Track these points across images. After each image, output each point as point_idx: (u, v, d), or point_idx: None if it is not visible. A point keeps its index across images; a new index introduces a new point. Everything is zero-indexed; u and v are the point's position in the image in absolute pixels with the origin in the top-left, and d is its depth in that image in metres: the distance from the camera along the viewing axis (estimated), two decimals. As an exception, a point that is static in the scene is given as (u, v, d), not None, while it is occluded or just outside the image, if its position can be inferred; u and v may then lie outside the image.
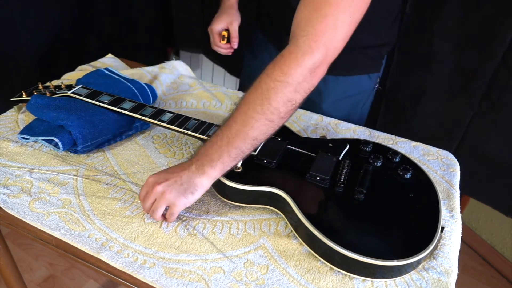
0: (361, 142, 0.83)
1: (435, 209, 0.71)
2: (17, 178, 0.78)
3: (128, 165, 0.84)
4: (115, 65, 1.14)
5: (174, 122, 0.84)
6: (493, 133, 1.23)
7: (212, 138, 0.69)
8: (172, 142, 0.91)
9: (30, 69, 1.26)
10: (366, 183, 0.74)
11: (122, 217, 0.72)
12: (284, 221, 0.73)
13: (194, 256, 0.67)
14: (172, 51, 2.13)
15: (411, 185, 0.76)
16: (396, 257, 0.62)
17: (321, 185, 0.73)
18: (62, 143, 0.81)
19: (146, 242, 0.68)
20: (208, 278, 0.64)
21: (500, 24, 1.09)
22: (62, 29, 1.32)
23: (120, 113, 0.87)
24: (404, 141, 0.96)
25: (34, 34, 1.23)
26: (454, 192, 0.83)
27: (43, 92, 0.92)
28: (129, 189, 0.78)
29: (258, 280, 0.64)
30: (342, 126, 1.00)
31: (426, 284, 0.65)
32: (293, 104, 0.67)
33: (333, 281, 0.65)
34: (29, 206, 0.73)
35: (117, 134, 0.88)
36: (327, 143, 0.83)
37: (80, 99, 0.89)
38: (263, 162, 0.77)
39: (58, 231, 0.69)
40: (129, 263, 0.65)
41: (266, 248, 0.69)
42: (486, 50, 1.14)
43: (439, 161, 0.91)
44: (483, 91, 1.19)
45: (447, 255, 0.70)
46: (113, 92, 0.92)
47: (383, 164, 0.79)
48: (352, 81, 1.06)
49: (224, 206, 0.76)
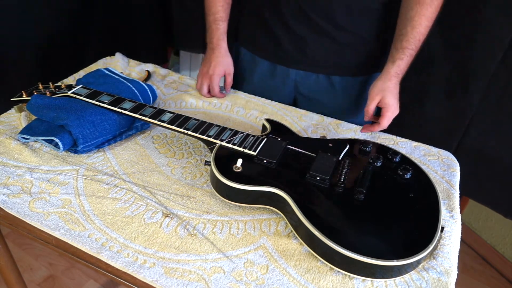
0: (361, 142, 0.83)
1: (435, 209, 0.71)
2: (17, 177, 0.78)
3: (128, 165, 0.84)
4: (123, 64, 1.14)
5: (174, 122, 0.84)
6: (493, 133, 1.23)
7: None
8: (172, 142, 0.91)
9: (30, 69, 1.26)
10: (366, 183, 0.74)
11: (122, 217, 0.72)
12: (284, 221, 0.73)
13: (194, 256, 0.67)
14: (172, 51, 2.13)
15: (411, 185, 0.76)
16: (396, 257, 0.62)
17: (321, 185, 0.73)
18: (62, 143, 0.81)
19: (146, 242, 0.68)
20: (208, 278, 0.64)
21: (500, 24, 1.09)
22: (62, 29, 1.32)
23: (120, 113, 0.87)
24: (405, 141, 0.96)
25: (34, 34, 1.23)
26: (454, 192, 0.83)
27: (43, 92, 0.92)
28: (129, 189, 0.78)
29: (258, 280, 0.64)
30: (342, 126, 1.00)
31: (426, 284, 0.65)
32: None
33: (333, 281, 0.65)
34: (29, 206, 0.73)
35: (117, 134, 0.88)
36: (327, 143, 0.83)
37: (80, 99, 0.89)
38: (263, 162, 0.77)
39: (58, 231, 0.69)
40: (129, 263, 0.65)
41: (266, 248, 0.69)
42: (486, 50, 1.14)
43: (440, 161, 0.91)
44: (483, 91, 1.19)
45: (447, 255, 0.70)
46: (113, 92, 0.92)
47: (383, 164, 0.79)
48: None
49: (224, 206, 0.76)
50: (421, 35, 0.92)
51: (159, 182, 0.80)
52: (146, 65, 1.17)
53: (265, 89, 1.12)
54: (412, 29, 0.91)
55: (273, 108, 1.05)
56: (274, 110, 1.04)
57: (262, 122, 0.91)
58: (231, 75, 1.08)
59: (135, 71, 1.14)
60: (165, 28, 1.77)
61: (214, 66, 1.05)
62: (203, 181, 0.82)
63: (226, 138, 0.81)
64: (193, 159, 0.87)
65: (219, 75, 1.06)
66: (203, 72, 1.07)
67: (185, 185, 0.80)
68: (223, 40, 1.07)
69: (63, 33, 1.32)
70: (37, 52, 1.26)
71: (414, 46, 0.92)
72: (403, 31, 0.93)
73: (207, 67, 1.07)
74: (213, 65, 1.06)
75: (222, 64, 1.06)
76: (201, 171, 0.84)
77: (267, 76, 1.12)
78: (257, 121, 1.00)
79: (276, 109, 1.04)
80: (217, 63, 1.06)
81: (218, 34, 1.06)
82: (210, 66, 1.06)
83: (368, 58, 1.05)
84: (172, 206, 0.75)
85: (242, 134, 0.82)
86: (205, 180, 0.82)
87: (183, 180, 0.81)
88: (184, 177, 0.82)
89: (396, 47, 0.94)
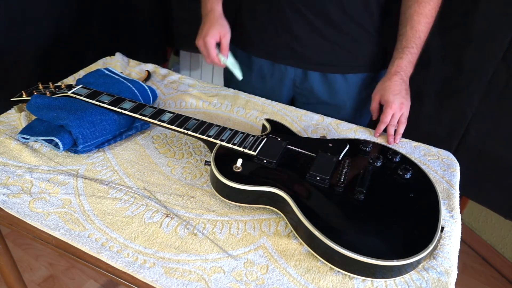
0: (361, 142, 0.83)
1: (435, 209, 0.71)
2: (17, 177, 0.78)
3: (128, 165, 0.84)
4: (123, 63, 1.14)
5: (174, 122, 0.84)
6: (493, 133, 1.23)
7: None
8: (172, 142, 0.91)
9: (30, 69, 1.26)
10: (366, 183, 0.74)
11: (122, 217, 0.72)
12: (284, 221, 0.73)
13: (194, 256, 0.67)
14: (172, 51, 2.13)
15: (411, 185, 0.76)
16: (396, 257, 0.62)
17: (321, 185, 0.73)
18: (62, 143, 0.81)
19: (146, 242, 0.68)
20: (208, 278, 0.64)
21: (500, 24, 1.09)
22: (62, 29, 1.32)
23: (120, 113, 0.87)
24: (405, 141, 0.96)
25: (34, 34, 1.23)
26: (454, 192, 0.83)
27: (43, 92, 0.92)
28: (129, 189, 0.78)
29: (258, 280, 0.64)
30: (342, 126, 1.00)
31: (426, 284, 0.65)
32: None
33: (333, 281, 0.65)
34: (29, 206, 0.73)
35: (117, 134, 0.88)
36: (327, 143, 0.83)
37: (80, 99, 0.89)
38: (263, 162, 0.77)
39: (58, 231, 0.69)
40: (129, 263, 0.65)
41: (266, 248, 0.69)
42: (486, 50, 1.14)
43: (440, 161, 0.91)
44: (483, 91, 1.19)
45: (447, 255, 0.70)
46: (113, 92, 0.92)
47: (383, 164, 0.79)
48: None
49: (224, 206, 0.76)
50: (421, 33, 0.92)
51: (159, 182, 0.80)
52: (146, 65, 1.17)
53: (263, 89, 1.12)
54: (411, 28, 0.92)
55: (273, 108, 1.05)
56: (274, 110, 1.04)
57: (262, 122, 0.91)
58: (226, 38, 1.00)
59: (135, 71, 1.14)
60: (165, 28, 1.77)
61: (208, 29, 0.99)
62: (203, 181, 0.82)
63: (226, 138, 0.81)
64: (193, 159, 0.87)
65: (213, 37, 0.98)
66: (198, 39, 1.01)
67: (185, 185, 0.80)
68: (217, 4, 1.01)
69: (63, 33, 1.32)
70: (37, 52, 1.26)
71: (415, 44, 0.92)
72: (402, 30, 0.93)
73: (200, 32, 1.01)
74: (206, 28, 0.99)
75: (216, 27, 0.99)
76: (201, 171, 0.84)
77: (264, 75, 1.12)
78: (257, 121, 1.00)
79: (276, 109, 1.04)
80: (211, 24, 0.99)
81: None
82: (203, 30, 1.00)
83: (367, 56, 1.05)
84: (172, 206, 0.75)
85: (242, 134, 0.82)
86: (205, 180, 0.82)
87: (183, 180, 0.81)
88: (184, 177, 0.82)
89: (396, 47, 0.95)
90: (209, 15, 1.01)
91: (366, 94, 1.08)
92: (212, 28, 0.99)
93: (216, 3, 1.02)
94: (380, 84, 0.96)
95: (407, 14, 0.92)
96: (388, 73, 0.95)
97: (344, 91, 1.09)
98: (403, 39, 0.93)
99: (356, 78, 1.07)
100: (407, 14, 0.92)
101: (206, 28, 1.00)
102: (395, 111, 0.92)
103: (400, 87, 0.93)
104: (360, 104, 1.11)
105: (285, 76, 1.09)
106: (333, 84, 1.08)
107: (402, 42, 0.93)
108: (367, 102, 1.09)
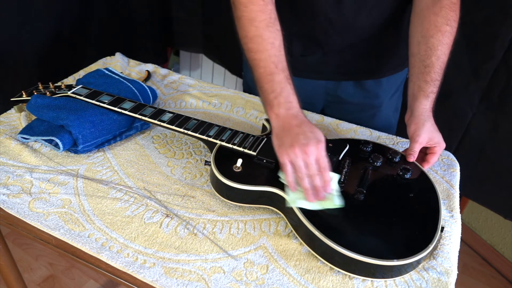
0: (361, 142, 0.83)
1: (435, 209, 0.71)
2: (17, 177, 0.78)
3: (128, 165, 0.84)
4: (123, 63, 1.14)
5: (174, 122, 0.84)
6: (493, 133, 1.23)
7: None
8: (172, 142, 0.91)
9: (30, 69, 1.26)
10: (366, 183, 0.74)
11: (122, 217, 0.72)
12: (284, 221, 0.73)
13: (194, 256, 0.67)
14: (172, 51, 2.13)
15: (411, 185, 0.76)
16: (396, 257, 0.62)
17: (321, 185, 0.73)
18: (62, 143, 0.81)
19: (146, 242, 0.68)
20: (208, 278, 0.64)
21: (500, 24, 1.09)
22: (62, 29, 1.32)
23: (120, 113, 0.87)
24: (405, 141, 0.96)
25: (34, 34, 1.23)
26: (454, 192, 0.83)
27: (43, 92, 0.92)
28: (129, 189, 0.78)
29: (258, 280, 0.64)
30: (342, 126, 1.00)
31: (426, 284, 0.65)
32: None
33: (333, 281, 0.65)
34: (29, 206, 0.73)
35: (117, 134, 0.88)
36: (327, 143, 0.82)
37: (80, 99, 0.89)
38: (263, 162, 0.77)
39: (58, 231, 0.69)
40: (129, 263, 0.65)
41: (266, 248, 0.69)
42: (486, 50, 1.14)
43: (440, 161, 0.91)
44: (483, 91, 1.19)
45: (447, 255, 0.70)
46: (113, 92, 0.92)
47: (383, 164, 0.79)
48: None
49: (224, 206, 0.76)
50: (444, 64, 0.87)
51: (159, 182, 0.80)
52: (146, 65, 1.17)
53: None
54: (437, 59, 0.86)
55: (273, 108, 1.05)
56: (274, 110, 1.04)
57: (262, 122, 0.91)
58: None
59: (135, 71, 1.14)
60: (165, 28, 1.77)
61: (316, 132, 0.71)
62: (203, 181, 0.82)
63: (226, 138, 0.81)
64: (193, 159, 0.87)
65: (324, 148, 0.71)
66: (293, 146, 0.69)
67: (185, 185, 0.80)
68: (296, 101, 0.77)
69: (63, 33, 1.32)
70: (37, 52, 1.26)
71: (440, 76, 0.87)
72: (427, 61, 0.86)
73: (289, 134, 0.71)
74: (308, 130, 0.71)
75: (320, 132, 0.73)
76: (201, 171, 0.84)
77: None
78: (257, 121, 1.00)
79: (276, 109, 1.04)
80: (312, 126, 0.73)
81: (291, 89, 0.76)
82: (308, 131, 0.70)
83: (398, 57, 1.03)
84: (172, 206, 0.75)
85: (242, 134, 0.82)
86: (205, 180, 0.82)
87: (183, 180, 0.81)
88: (184, 177, 0.82)
89: (425, 79, 0.86)
90: (295, 110, 0.74)
91: (398, 90, 1.09)
92: (319, 134, 0.71)
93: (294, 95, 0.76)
94: (423, 127, 0.81)
95: (430, 43, 0.86)
96: (424, 110, 0.83)
97: (378, 93, 1.07)
98: (432, 70, 0.85)
99: (389, 79, 1.06)
100: (430, 44, 0.86)
101: (309, 130, 0.71)
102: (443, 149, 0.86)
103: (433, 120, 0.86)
104: (396, 100, 1.11)
105: (317, 89, 1.07)
106: (367, 88, 1.06)
107: (431, 74, 0.85)
108: (400, 98, 1.10)
